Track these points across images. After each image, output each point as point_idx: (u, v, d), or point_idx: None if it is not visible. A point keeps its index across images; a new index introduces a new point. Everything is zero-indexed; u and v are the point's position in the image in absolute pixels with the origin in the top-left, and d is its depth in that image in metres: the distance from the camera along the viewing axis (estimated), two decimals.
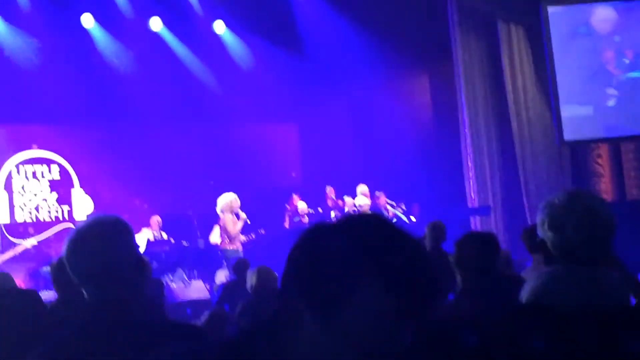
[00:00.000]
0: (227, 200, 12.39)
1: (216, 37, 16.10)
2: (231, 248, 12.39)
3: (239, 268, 9.13)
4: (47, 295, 5.87)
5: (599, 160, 14.85)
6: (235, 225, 12.45)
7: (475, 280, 5.02)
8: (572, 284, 2.51)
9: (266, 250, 12.48)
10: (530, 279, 2.60)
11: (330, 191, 15.56)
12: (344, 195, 15.11)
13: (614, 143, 14.74)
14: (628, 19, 14.30)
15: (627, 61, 14.25)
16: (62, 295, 4.10)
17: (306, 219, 14.81)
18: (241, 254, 12.11)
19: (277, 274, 7.45)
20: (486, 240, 5.12)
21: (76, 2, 14.37)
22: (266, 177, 16.44)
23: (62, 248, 2.67)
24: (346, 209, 14.59)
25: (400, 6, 15.14)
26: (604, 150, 14.84)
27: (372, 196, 14.85)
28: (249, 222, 12.91)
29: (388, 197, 15.30)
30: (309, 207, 15.07)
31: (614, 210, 2.85)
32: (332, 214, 14.82)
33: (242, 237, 12.84)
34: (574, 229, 2.70)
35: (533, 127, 15.09)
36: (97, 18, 14.97)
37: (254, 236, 13.58)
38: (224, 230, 12.57)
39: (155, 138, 15.94)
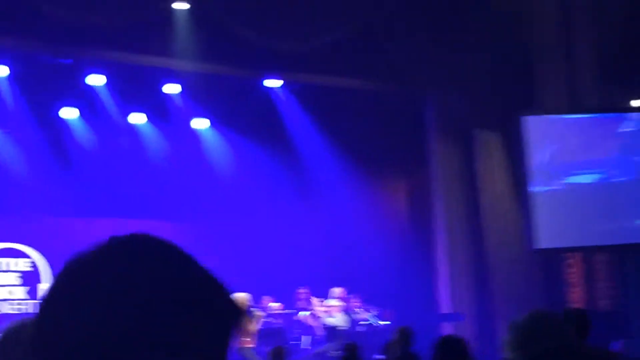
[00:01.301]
0: (244, 300, 12.49)
1: (195, 134, 16.29)
2: (248, 346, 12.49)
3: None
4: None
5: (571, 270, 14.87)
6: (252, 324, 12.99)
7: None
8: None
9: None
10: None
11: (303, 292, 15.48)
12: (317, 297, 15.01)
13: (588, 252, 14.75)
14: (565, 130, 14.46)
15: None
16: None
17: (279, 320, 14.70)
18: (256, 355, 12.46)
19: None
20: (459, 343, 6.14)
21: (57, 95, 14.50)
22: (240, 277, 16.33)
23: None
24: (317, 310, 14.49)
25: (379, 111, 15.40)
26: (576, 259, 14.88)
27: (346, 299, 14.79)
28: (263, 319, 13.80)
29: (362, 300, 15.25)
30: (283, 307, 14.98)
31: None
32: (303, 315, 14.74)
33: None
34: (533, 349, 2.73)
35: (506, 235, 15.15)
36: (80, 111, 15.10)
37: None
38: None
39: (129, 232, 15.82)
